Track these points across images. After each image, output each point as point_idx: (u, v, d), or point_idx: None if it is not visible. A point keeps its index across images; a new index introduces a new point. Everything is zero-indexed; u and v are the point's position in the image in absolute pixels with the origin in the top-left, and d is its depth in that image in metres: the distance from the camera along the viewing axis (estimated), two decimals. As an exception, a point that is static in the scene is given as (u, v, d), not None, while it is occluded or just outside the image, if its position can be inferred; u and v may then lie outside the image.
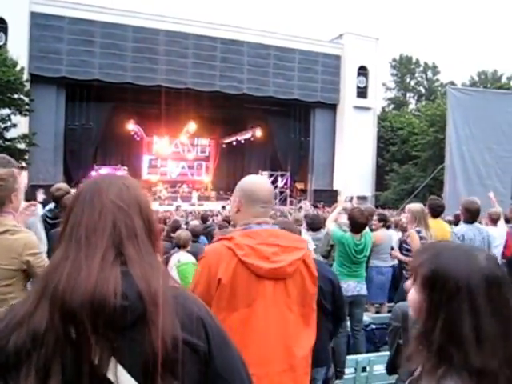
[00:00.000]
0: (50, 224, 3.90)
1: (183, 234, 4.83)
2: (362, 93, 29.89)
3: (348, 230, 4.89)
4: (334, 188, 29.60)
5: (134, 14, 25.88)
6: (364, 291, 4.92)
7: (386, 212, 9.34)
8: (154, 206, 25.73)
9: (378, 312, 5.80)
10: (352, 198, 8.18)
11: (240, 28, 27.76)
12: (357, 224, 4.73)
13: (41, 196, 5.58)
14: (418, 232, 4.64)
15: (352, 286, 4.63)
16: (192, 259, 4.43)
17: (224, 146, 32.33)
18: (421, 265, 1.07)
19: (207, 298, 1.67)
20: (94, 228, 0.94)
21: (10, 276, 2.27)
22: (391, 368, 2.30)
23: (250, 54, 27.34)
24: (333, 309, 2.92)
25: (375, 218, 6.39)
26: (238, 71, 27.11)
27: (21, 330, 0.86)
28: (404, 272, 5.07)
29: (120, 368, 0.86)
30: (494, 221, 5.86)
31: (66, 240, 0.95)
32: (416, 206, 4.83)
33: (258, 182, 1.97)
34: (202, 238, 6.74)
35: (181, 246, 4.69)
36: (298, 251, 1.83)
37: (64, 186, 4.39)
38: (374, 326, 4.93)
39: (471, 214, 4.96)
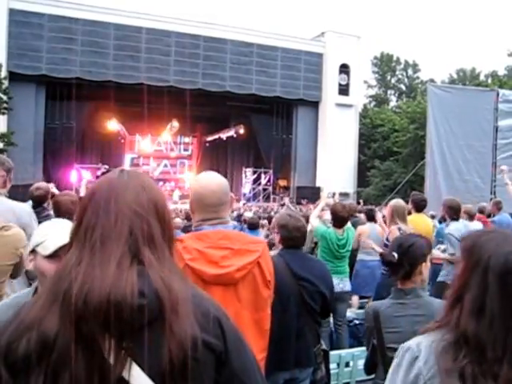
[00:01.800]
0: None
1: None
2: (343, 90, 29.99)
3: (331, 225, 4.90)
4: (317, 185, 29.60)
5: (116, 11, 25.60)
6: (347, 287, 5.02)
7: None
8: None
9: (361, 307, 5.87)
10: (334, 193, 8.25)
11: (223, 26, 27.67)
12: (338, 218, 4.77)
13: None
14: (399, 229, 4.65)
15: (335, 283, 4.59)
16: None
17: (207, 143, 32.19)
18: (465, 238, 1.16)
19: None
20: (110, 233, 0.92)
21: (7, 271, 2.32)
22: (369, 368, 2.35)
23: (232, 51, 27.27)
24: (322, 307, 2.83)
25: (362, 214, 6.49)
26: (220, 69, 27.03)
27: (30, 334, 0.84)
28: (382, 268, 4.97)
29: (136, 368, 0.85)
30: (471, 217, 6.07)
31: (79, 243, 0.93)
32: (395, 202, 4.88)
33: (207, 183, 1.89)
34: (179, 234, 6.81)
35: None
36: (250, 254, 1.77)
37: (44, 185, 4.33)
38: (357, 322, 4.97)
39: (455, 211, 5.18)
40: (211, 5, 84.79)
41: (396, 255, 2.24)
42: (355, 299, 6.07)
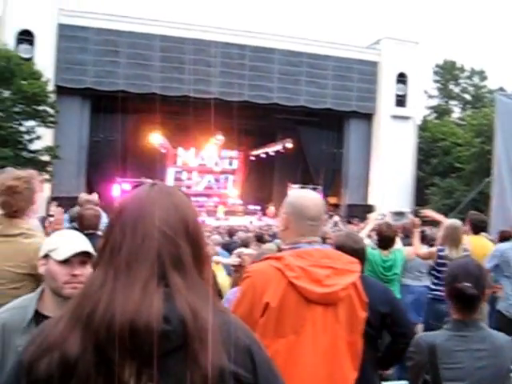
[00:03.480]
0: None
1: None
2: (400, 101, 28.05)
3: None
4: (370, 203, 28.00)
5: (160, 22, 25.39)
6: None
7: (427, 228, 8.43)
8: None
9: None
10: (385, 215, 7.49)
11: (270, 35, 26.71)
12: (384, 238, 4.61)
13: (53, 208, 5.60)
14: (440, 250, 4.64)
15: None
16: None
17: (252, 158, 31.28)
18: None
19: (248, 321, 1.43)
20: (136, 255, 0.89)
21: (18, 279, 2.28)
22: None
23: (280, 61, 26.26)
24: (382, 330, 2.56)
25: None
26: (267, 80, 26.05)
27: (53, 354, 0.83)
28: (429, 291, 4.85)
29: None
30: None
31: (104, 264, 0.91)
32: (449, 224, 4.72)
33: (308, 196, 1.89)
34: (222, 252, 6.56)
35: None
36: (350, 274, 1.76)
37: (90, 197, 4.58)
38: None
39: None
40: (258, 14, 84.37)
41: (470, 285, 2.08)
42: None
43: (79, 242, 1.82)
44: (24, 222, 2.34)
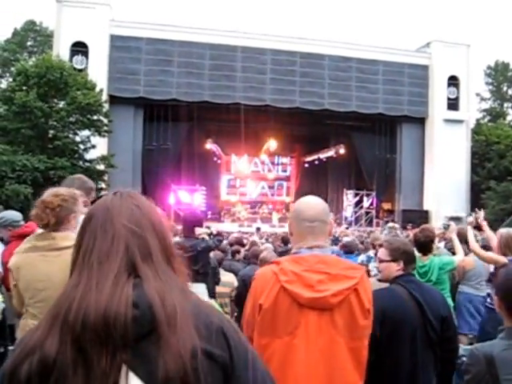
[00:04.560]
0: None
1: (268, 254, 4.64)
2: (453, 105, 27.55)
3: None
4: (424, 208, 27.30)
5: (210, 31, 25.52)
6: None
7: (477, 233, 7.74)
8: (233, 227, 24.79)
9: (471, 344, 4.91)
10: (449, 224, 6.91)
11: (319, 41, 26.60)
12: (417, 243, 4.51)
13: None
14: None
15: None
16: None
17: (306, 164, 30.91)
18: None
19: (253, 321, 1.72)
20: (107, 254, 0.94)
21: None
22: None
23: (330, 67, 26.06)
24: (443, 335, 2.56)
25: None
26: (318, 86, 25.83)
27: (33, 357, 0.87)
28: (488, 302, 4.58)
29: (134, 378, 0.86)
30: None
31: (79, 269, 0.96)
32: (507, 230, 4.49)
33: (306, 200, 1.95)
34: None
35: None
36: (348, 280, 1.73)
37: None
38: (464, 359, 3.80)
39: None
40: (306, 20, 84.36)
41: None
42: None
43: None
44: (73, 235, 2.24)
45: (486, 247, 5.07)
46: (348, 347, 1.72)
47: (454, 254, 5.15)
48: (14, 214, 4.34)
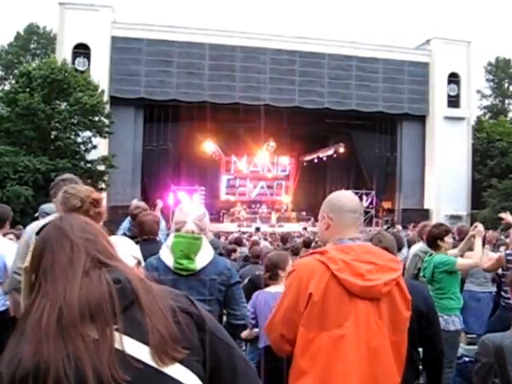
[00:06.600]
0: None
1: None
2: (453, 102, 27.50)
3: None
4: (425, 207, 27.25)
5: (209, 31, 25.66)
6: (452, 326, 4.40)
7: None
8: (233, 227, 24.98)
9: (472, 343, 5.01)
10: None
11: (319, 40, 26.64)
12: (429, 238, 4.43)
13: None
14: (509, 255, 4.47)
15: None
16: None
17: (305, 163, 30.90)
18: None
19: (294, 314, 1.66)
20: (70, 261, 0.97)
21: None
22: None
23: (330, 66, 26.10)
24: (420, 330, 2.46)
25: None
26: (318, 85, 25.91)
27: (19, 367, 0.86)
28: (501, 299, 4.71)
29: (128, 338, 0.91)
30: None
31: (39, 285, 0.96)
32: None
33: (345, 193, 2.00)
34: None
35: None
36: (392, 271, 1.72)
37: (142, 204, 4.52)
38: (466, 359, 4.31)
39: None
40: (306, 19, 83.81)
41: None
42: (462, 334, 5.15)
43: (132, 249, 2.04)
44: None
45: None
46: (391, 340, 1.69)
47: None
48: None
